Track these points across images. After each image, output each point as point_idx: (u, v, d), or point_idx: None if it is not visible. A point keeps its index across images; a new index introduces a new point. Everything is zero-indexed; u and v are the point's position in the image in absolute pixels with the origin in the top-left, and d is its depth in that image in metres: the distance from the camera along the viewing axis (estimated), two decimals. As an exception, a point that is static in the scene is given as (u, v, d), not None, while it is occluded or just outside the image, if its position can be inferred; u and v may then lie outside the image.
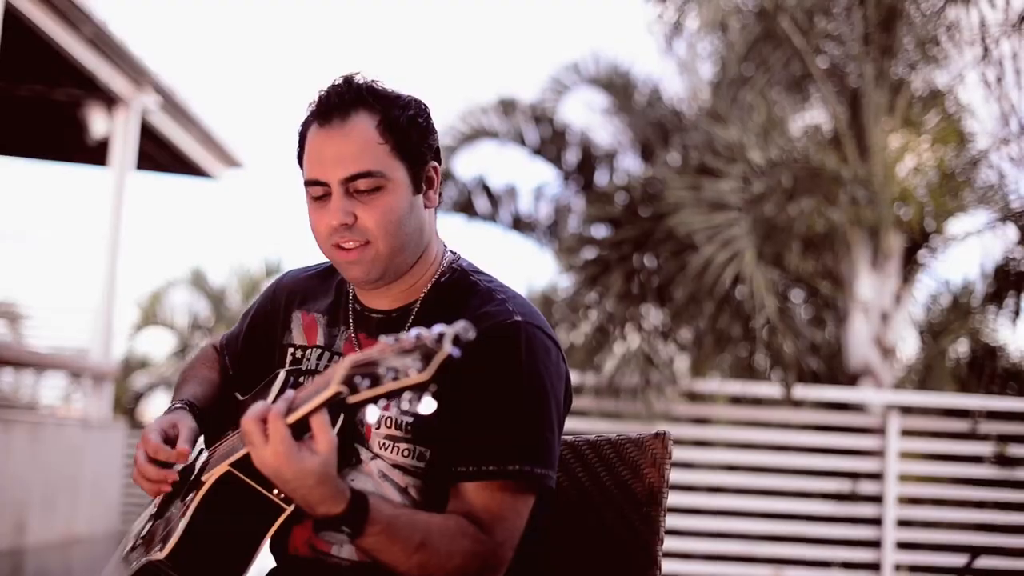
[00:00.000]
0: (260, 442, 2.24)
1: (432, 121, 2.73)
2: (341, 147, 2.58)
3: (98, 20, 10.66)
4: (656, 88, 14.54)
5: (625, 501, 2.96)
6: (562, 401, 2.66)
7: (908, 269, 11.60)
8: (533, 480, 2.52)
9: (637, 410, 10.14)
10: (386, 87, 2.68)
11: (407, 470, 2.58)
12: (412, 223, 2.64)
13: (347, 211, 2.56)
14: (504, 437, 2.51)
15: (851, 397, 10.86)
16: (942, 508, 10.74)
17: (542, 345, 2.62)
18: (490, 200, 15.00)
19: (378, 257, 2.61)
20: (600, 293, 10.51)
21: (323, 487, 2.26)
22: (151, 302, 22.67)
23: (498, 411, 2.52)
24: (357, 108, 2.60)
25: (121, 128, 12.07)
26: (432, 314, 2.67)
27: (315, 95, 2.66)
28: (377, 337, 2.66)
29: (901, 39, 11.40)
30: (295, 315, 2.92)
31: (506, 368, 2.54)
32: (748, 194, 10.29)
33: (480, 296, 2.69)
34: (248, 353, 3.04)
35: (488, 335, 2.52)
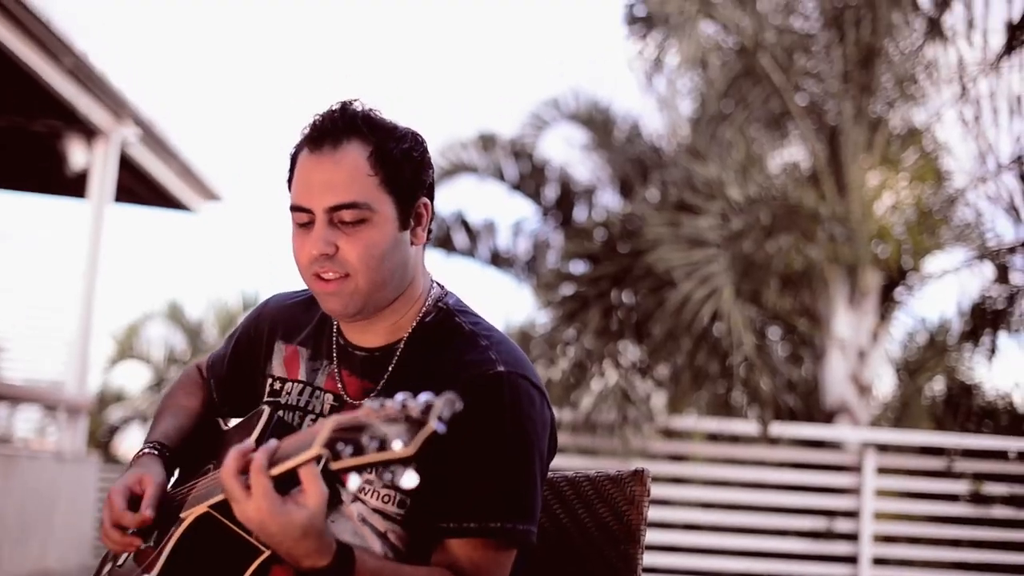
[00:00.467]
0: (242, 496, 2.19)
1: (428, 156, 2.65)
2: (329, 175, 2.50)
3: (78, 51, 10.63)
4: (636, 124, 14.59)
5: (604, 538, 2.93)
6: (546, 451, 2.61)
7: (885, 307, 11.63)
8: (515, 536, 2.48)
9: (614, 446, 10.14)
10: (383, 117, 2.60)
11: (387, 516, 2.53)
12: (395, 259, 2.56)
13: (329, 241, 2.49)
14: (486, 494, 2.46)
15: (827, 435, 10.87)
16: (918, 546, 10.75)
17: (526, 395, 2.55)
18: (469, 235, 15.01)
19: (357, 291, 2.54)
20: (578, 329, 10.51)
21: (308, 541, 2.21)
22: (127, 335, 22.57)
23: (481, 466, 2.46)
24: (350, 136, 2.53)
25: (100, 160, 12.01)
26: (415, 356, 2.63)
27: (310, 119, 2.60)
28: (360, 375, 2.66)
29: (880, 77, 11.46)
30: (277, 345, 2.86)
31: (489, 422, 2.48)
32: (727, 231, 10.31)
33: (464, 341, 2.62)
34: (232, 378, 2.99)
35: (471, 386, 2.48)
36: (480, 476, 2.46)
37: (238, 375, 2.97)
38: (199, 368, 3.14)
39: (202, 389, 3.07)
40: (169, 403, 3.04)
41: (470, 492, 2.45)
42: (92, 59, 10.88)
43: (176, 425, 2.94)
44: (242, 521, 2.22)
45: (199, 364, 3.16)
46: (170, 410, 3.01)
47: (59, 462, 11.76)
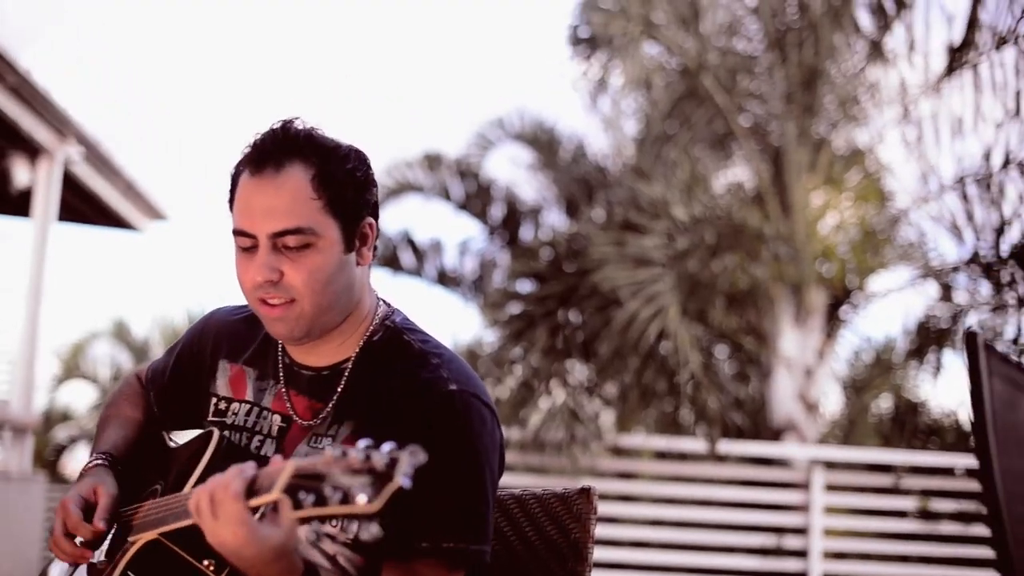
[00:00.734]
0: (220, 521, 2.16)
1: (371, 174, 2.62)
2: (272, 200, 2.46)
3: (21, 70, 10.57)
4: (581, 144, 14.63)
5: (550, 556, 2.93)
6: (496, 470, 2.60)
7: (831, 325, 11.69)
8: (467, 556, 2.47)
9: (562, 465, 10.14)
10: (325, 136, 2.56)
11: (336, 540, 2.51)
12: (341, 282, 2.54)
13: (273, 267, 2.47)
14: (438, 514, 2.45)
15: (775, 452, 10.92)
16: (867, 563, 10.79)
17: (478, 415, 2.54)
18: (415, 254, 15.00)
19: (303, 316, 2.51)
20: (525, 348, 10.51)
21: (280, 563, 2.19)
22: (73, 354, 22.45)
23: (432, 486, 2.40)
24: (292, 158, 2.48)
25: (44, 179, 11.95)
26: (364, 376, 2.62)
27: (250, 139, 2.56)
28: (308, 395, 2.65)
29: (822, 98, 11.54)
30: (221, 364, 2.83)
31: (441, 441, 2.44)
32: (672, 250, 10.34)
33: (414, 359, 2.61)
34: (173, 391, 2.96)
35: (423, 406, 2.49)
36: (432, 496, 2.43)
37: (179, 389, 2.94)
38: (138, 377, 3.11)
39: (143, 398, 3.04)
40: (112, 412, 3.02)
41: (423, 512, 2.43)
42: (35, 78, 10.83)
43: (123, 435, 2.92)
44: (215, 545, 2.19)
45: (138, 373, 3.12)
46: (115, 420, 2.98)
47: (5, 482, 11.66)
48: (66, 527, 2.62)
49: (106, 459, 2.82)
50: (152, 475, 2.78)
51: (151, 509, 2.60)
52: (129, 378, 3.14)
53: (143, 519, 2.59)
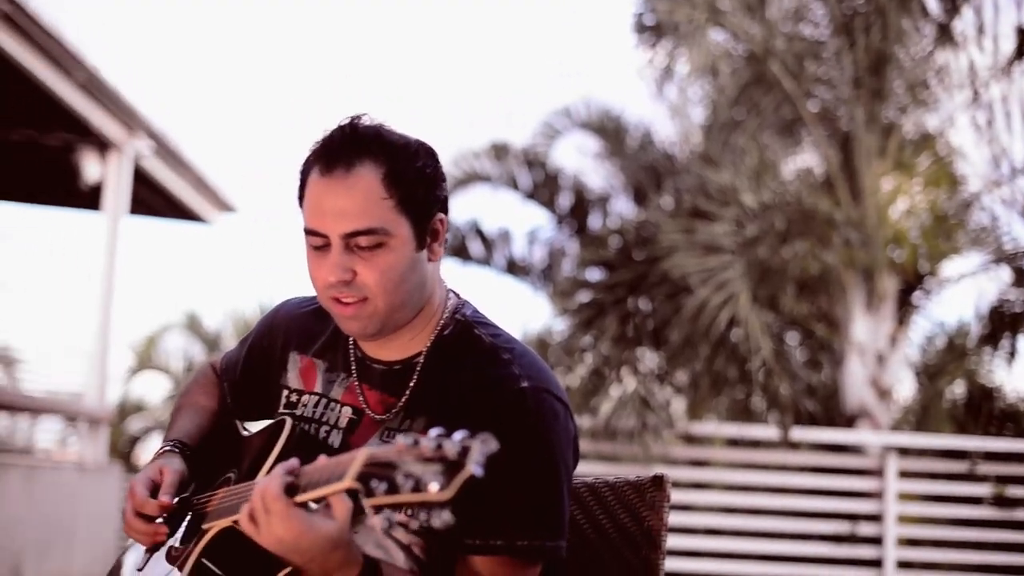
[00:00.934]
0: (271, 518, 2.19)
1: (441, 170, 2.60)
2: (343, 201, 2.44)
3: (90, 66, 10.66)
4: (648, 132, 14.58)
5: (623, 544, 2.91)
6: (571, 465, 2.60)
7: (903, 311, 11.60)
8: (542, 552, 2.46)
9: (634, 453, 10.12)
10: (393, 133, 2.54)
11: (410, 529, 2.50)
12: (413, 279, 2.53)
13: (346, 267, 2.46)
14: (513, 511, 2.43)
15: (848, 439, 10.85)
16: (942, 549, 10.71)
17: (551, 410, 2.53)
18: (484, 244, 15.01)
19: (376, 314, 2.51)
20: (595, 336, 10.50)
21: (339, 552, 2.21)
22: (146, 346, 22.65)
23: (507, 484, 2.39)
24: (362, 158, 2.46)
25: (114, 173, 12.04)
26: (436, 370, 2.61)
27: (319, 137, 2.54)
28: (380, 389, 2.64)
29: (891, 83, 11.44)
30: (292, 356, 2.83)
31: (515, 439, 2.39)
32: (741, 237, 10.30)
33: (484, 354, 2.59)
34: (245, 384, 2.98)
35: (496, 403, 2.48)
36: (507, 493, 2.42)
37: (251, 382, 2.96)
38: (213, 367, 3.13)
39: (217, 388, 3.06)
40: (186, 401, 3.03)
41: (497, 509, 2.42)
42: (104, 73, 10.92)
43: (196, 423, 2.94)
44: (272, 543, 2.21)
45: (213, 363, 3.14)
46: (188, 408, 3.00)
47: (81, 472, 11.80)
48: (135, 508, 2.64)
49: (175, 445, 2.83)
50: (226, 463, 2.80)
51: (225, 497, 2.62)
52: (204, 367, 3.16)
53: (217, 507, 2.60)
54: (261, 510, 2.20)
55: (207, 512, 2.64)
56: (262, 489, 2.19)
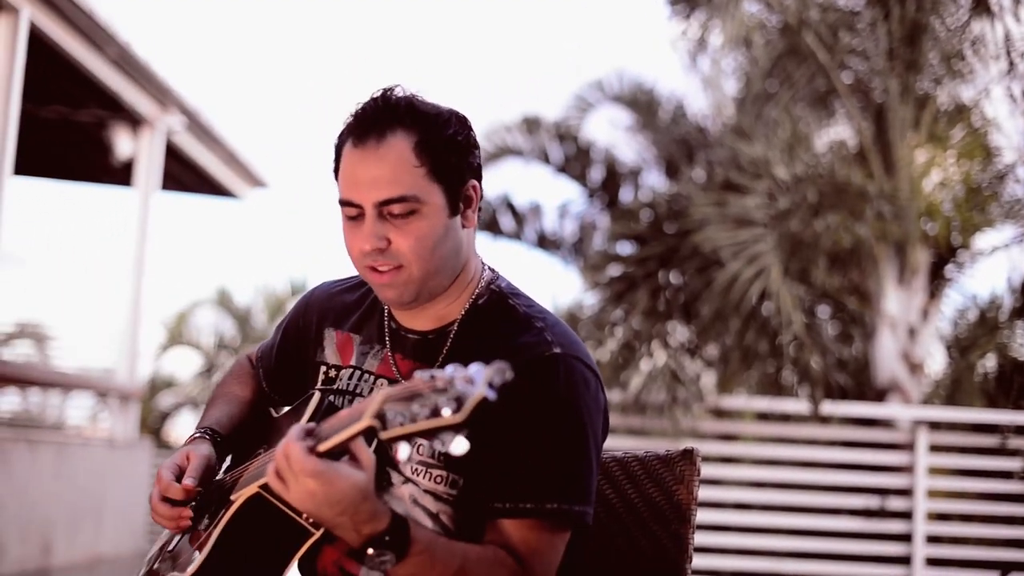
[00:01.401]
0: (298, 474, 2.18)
1: (473, 137, 2.64)
2: (376, 170, 2.49)
3: (122, 41, 10.69)
4: (680, 105, 14.54)
5: (653, 518, 2.93)
6: (600, 433, 2.62)
7: (935, 284, 11.54)
8: (571, 517, 2.49)
9: (664, 427, 10.12)
10: (426, 103, 2.59)
11: (439, 496, 2.54)
12: (448, 246, 2.57)
13: (380, 235, 2.50)
14: (542, 475, 2.46)
15: (879, 413, 10.82)
16: (971, 524, 10.68)
17: (581, 377, 2.56)
18: (515, 218, 15.02)
19: (411, 280, 2.54)
20: (626, 310, 10.49)
21: (368, 503, 2.21)
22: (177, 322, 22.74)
23: (536, 448, 2.46)
24: (394, 128, 2.51)
25: (146, 149, 12.09)
26: (469, 338, 2.64)
27: (352, 109, 2.59)
28: (413, 358, 2.68)
29: (926, 54, 11.36)
30: (328, 332, 2.87)
31: (545, 403, 2.48)
32: (774, 210, 10.26)
33: (518, 323, 2.63)
34: (281, 368, 3.01)
35: (527, 368, 2.48)
36: (536, 457, 2.46)
37: (287, 364, 2.99)
38: (249, 358, 3.17)
39: (253, 378, 3.10)
40: (221, 392, 3.07)
41: (526, 473, 2.46)
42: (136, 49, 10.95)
43: (228, 413, 2.97)
44: (303, 498, 2.21)
45: (249, 355, 3.19)
46: (222, 398, 3.04)
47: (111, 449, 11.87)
48: (161, 492, 2.66)
49: (205, 432, 2.86)
50: (258, 444, 2.82)
51: (251, 468, 2.65)
52: (240, 359, 3.21)
53: (245, 477, 2.63)
54: (286, 467, 2.20)
55: (236, 484, 2.65)
56: (285, 445, 2.20)
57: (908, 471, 10.41)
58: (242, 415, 2.99)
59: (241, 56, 60.20)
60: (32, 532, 10.16)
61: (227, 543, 2.54)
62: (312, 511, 2.22)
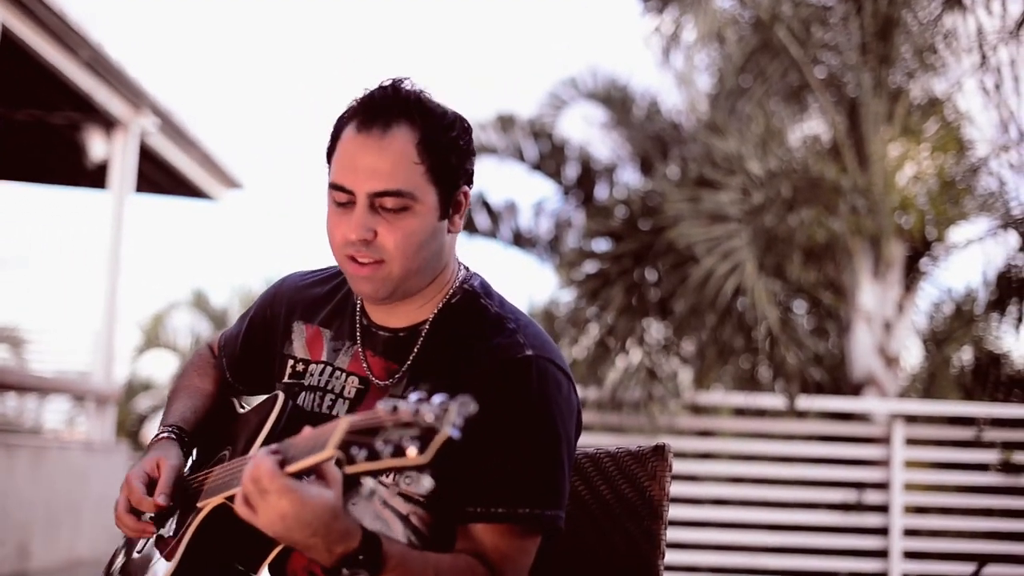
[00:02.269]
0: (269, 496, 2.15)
1: (472, 144, 2.64)
2: (376, 159, 2.48)
3: (95, 43, 10.66)
4: (654, 101, 14.55)
5: (625, 515, 2.93)
6: (572, 436, 2.60)
7: (910, 278, 11.57)
8: (543, 522, 2.47)
9: (640, 424, 10.12)
10: (433, 101, 2.58)
11: (409, 498, 2.52)
12: (431, 248, 2.56)
13: (368, 227, 2.48)
14: (514, 479, 2.45)
15: (855, 407, 10.85)
16: (949, 517, 10.71)
17: (553, 380, 2.55)
18: (490, 216, 15.01)
19: (390, 277, 2.53)
20: (601, 307, 10.49)
21: (339, 522, 2.19)
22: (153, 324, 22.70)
23: (508, 452, 2.45)
24: (400, 120, 2.50)
25: (120, 151, 12.06)
26: (441, 337, 2.63)
27: (360, 94, 2.57)
28: (384, 356, 2.66)
29: (899, 48, 11.39)
30: (296, 325, 2.85)
31: (517, 407, 2.47)
32: (748, 205, 10.27)
33: (490, 324, 2.61)
34: (246, 357, 2.99)
35: (499, 370, 2.49)
36: (508, 461, 2.45)
37: (252, 354, 2.97)
38: (211, 347, 3.15)
39: (215, 369, 3.08)
40: (183, 384, 3.05)
41: (498, 477, 2.45)
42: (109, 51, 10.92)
43: (191, 407, 2.94)
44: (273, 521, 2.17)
45: (210, 343, 3.16)
46: (184, 391, 3.01)
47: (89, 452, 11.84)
48: (130, 503, 2.65)
49: (172, 431, 2.84)
50: (222, 442, 2.80)
51: (218, 475, 2.62)
52: (201, 349, 3.18)
53: (211, 485, 2.61)
54: (255, 492, 2.17)
55: (201, 491, 2.64)
56: (252, 470, 2.17)
57: (885, 465, 10.43)
58: (205, 408, 2.96)
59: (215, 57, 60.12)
60: (9, 535, 10.13)
61: (196, 551, 2.53)
62: (282, 534, 2.19)
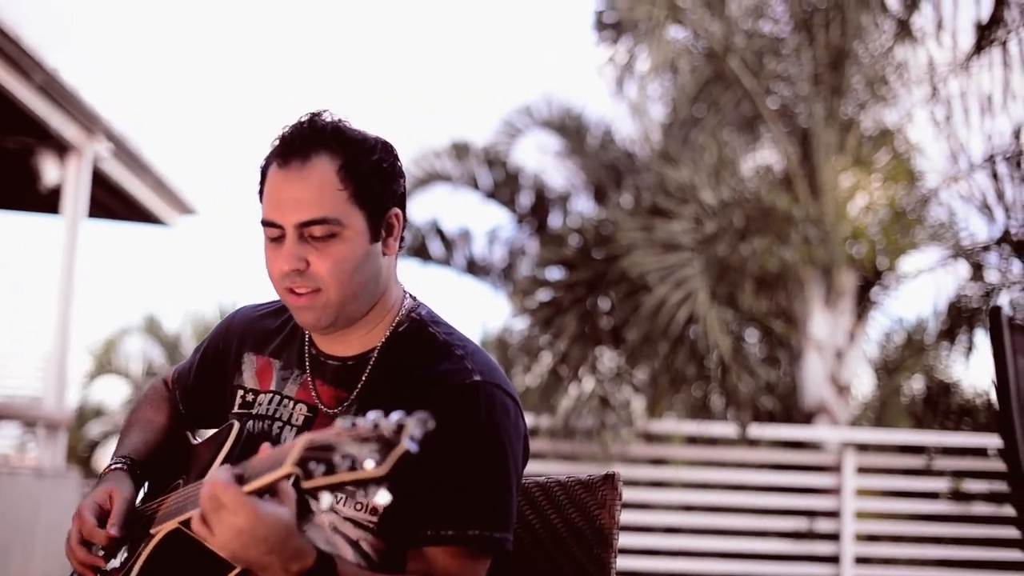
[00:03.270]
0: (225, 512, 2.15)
1: (398, 166, 2.65)
2: (298, 191, 2.50)
3: (49, 68, 10.60)
4: (608, 130, 14.60)
5: (575, 543, 2.93)
6: (520, 459, 2.62)
7: (861, 307, 11.65)
8: (492, 544, 2.49)
9: (593, 452, 10.13)
10: (352, 128, 2.60)
11: (359, 524, 2.53)
12: (367, 271, 2.57)
13: (299, 256, 2.50)
14: (463, 502, 2.46)
15: (807, 435, 10.89)
16: (900, 545, 10.76)
17: (501, 405, 2.57)
18: (444, 244, 15.02)
19: (329, 304, 2.54)
20: (554, 335, 10.51)
21: (294, 539, 2.20)
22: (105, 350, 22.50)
23: (457, 475, 2.46)
24: (318, 150, 2.52)
25: (73, 176, 11.98)
26: (389, 365, 2.64)
27: (278, 132, 2.59)
28: (333, 384, 2.67)
29: (850, 79, 11.49)
30: (247, 357, 2.86)
31: (465, 431, 2.48)
32: (700, 234, 10.33)
33: (438, 351, 2.63)
34: (199, 389, 2.99)
35: (448, 395, 2.50)
36: (458, 484, 2.47)
37: (205, 386, 2.98)
38: (165, 382, 3.14)
39: (168, 403, 3.08)
40: (136, 418, 3.05)
41: (448, 500, 2.46)
42: (63, 75, 10.86)
43: (143, 439, 2.95)
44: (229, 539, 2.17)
45: (164, 378, 3.16)
46: (137, 425, 3.01)
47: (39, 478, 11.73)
48: (82, 534, 2.65)
49: (124, 463, 2.85)
50: (176, 472, 2.80)
51: (173, 500, 2.63)
52: (155, 383, 3.19)
53: (164, 511, 2.61)
54: (212, 509, 2.18)
55: (155, 518, 2.63)
56: (210, 486, 2.18)
57: (836, 493, 10.47)
58: (158, 441, 2.97)
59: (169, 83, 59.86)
60: (-42, 563, 10.04)
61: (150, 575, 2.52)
62: (238, 552, 2.19)
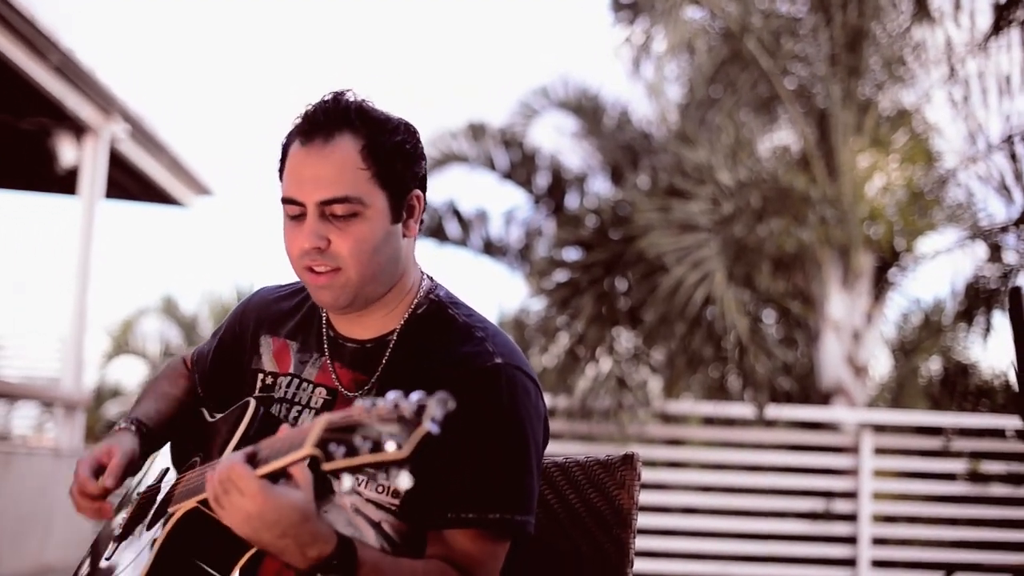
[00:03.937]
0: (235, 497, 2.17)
1: (420, 148, 2.65)
2: (320, 169, 2.50)
3: (65, 49, 10.60)
4: (625, 111, 14.56)
5: (594, 523, 2.93)
6: (541, 442, 2.62)
7: (879, 288, 11.61)
8: (513, 527, 2.49)
9: (610, 432, 10.13)
10: (376, 108, 2.60)
11: (381, 506, 2.53)
12: (386, 252, 2.57)
13: (320, 235, 2.50)
14: (485, 485, 2.46)
15: (824, 416, 10.87)
16: (916, 526, 10.75)
17: (522, 387, 2.56)
18: (461, 224, 15.00)
19: (348, 284, 2.54)
20: (571, 316, 10.50)
21: (310, 524, 2.19)
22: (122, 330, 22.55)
23: (479, 458, 2.46)
24: (342, 129, 2.52)
25: (90, 157, 11.99)
26: (409, 348, 2.64)
27: (302, 109, 2.59)
28: (352, 368, 2.67)
29: (868, 59, 11.44)
30: (264, 339, 2.85)
31: (486, 414, 2.49)
32: (717, 215, 10.30)
33: (458, 333, 2.63)
34: (217, 373, 2.99)
35: (469, 378, 2.50)
36: (478, 467, 2.46)
37: (222, 370, 2.97)
38: (184, 361, 3.14)
39: (186, 379, 3.08)
40: (151, 388, 3.06)
41: (469, 483, 2.46)
42: (79, 56, 10.86)
43: (156, 408, 2.96)
44: (241, 522, 2.19)
45: (185, 357, 3.16)
46: (152, 394, 3.03)
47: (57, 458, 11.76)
48: (78, 488, 2.68)
49: (131, 424, 2.86)
50: (192, 449, 2.80)
51: (189, 479, 2.63)
52: (174, 360, 3.19)
53: (182, 490, 2.61)
54: (222, 491, 2.19)
55: (173, 496, 2.64)
56: (222, 468, 2.19)
57: (853, 474, 10.46)
58: (171, 412, 2.98)
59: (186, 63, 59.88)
60: (-23, 543, 10.07)
61: (168, 555, 2.52)
62: (251, 535, 2.20)
